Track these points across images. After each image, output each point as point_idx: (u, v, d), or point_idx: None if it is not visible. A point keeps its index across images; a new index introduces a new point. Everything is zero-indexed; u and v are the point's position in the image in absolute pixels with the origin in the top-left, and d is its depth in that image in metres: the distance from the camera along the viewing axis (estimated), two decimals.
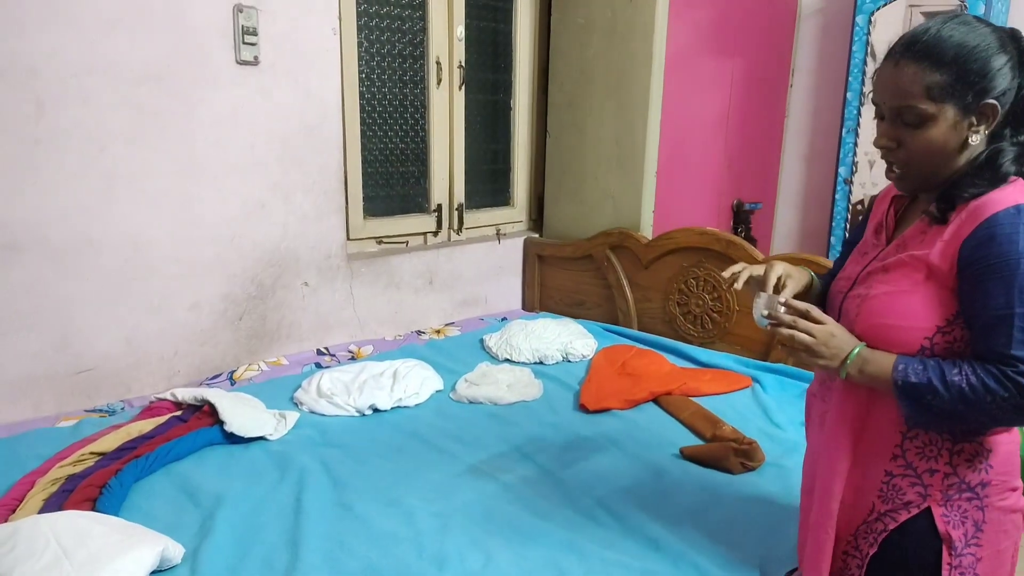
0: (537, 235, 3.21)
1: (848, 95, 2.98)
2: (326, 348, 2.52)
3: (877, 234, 1.19)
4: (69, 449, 1.72)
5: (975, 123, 1.04)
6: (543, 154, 3.17)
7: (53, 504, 1.47)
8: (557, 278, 3.06)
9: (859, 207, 2.98)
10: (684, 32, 2.77)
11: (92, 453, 1.70)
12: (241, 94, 2.21)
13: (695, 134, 2.99)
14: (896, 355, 1.06)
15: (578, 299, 2.98)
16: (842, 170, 3.05)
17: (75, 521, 1.30)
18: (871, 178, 2.96)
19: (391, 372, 2.25)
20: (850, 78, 2.97)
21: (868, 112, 2.94)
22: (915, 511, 1.09)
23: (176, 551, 1.34)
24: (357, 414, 2.06)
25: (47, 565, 1.20)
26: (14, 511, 1.45)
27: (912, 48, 1.04)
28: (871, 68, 2.89)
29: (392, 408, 2.10)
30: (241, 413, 1.88)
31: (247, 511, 1.54)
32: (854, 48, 2.95)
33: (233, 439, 1.85)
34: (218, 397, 1.93)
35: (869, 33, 2.89)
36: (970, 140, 1.04)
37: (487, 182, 3.13)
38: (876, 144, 1.11)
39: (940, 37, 1.03)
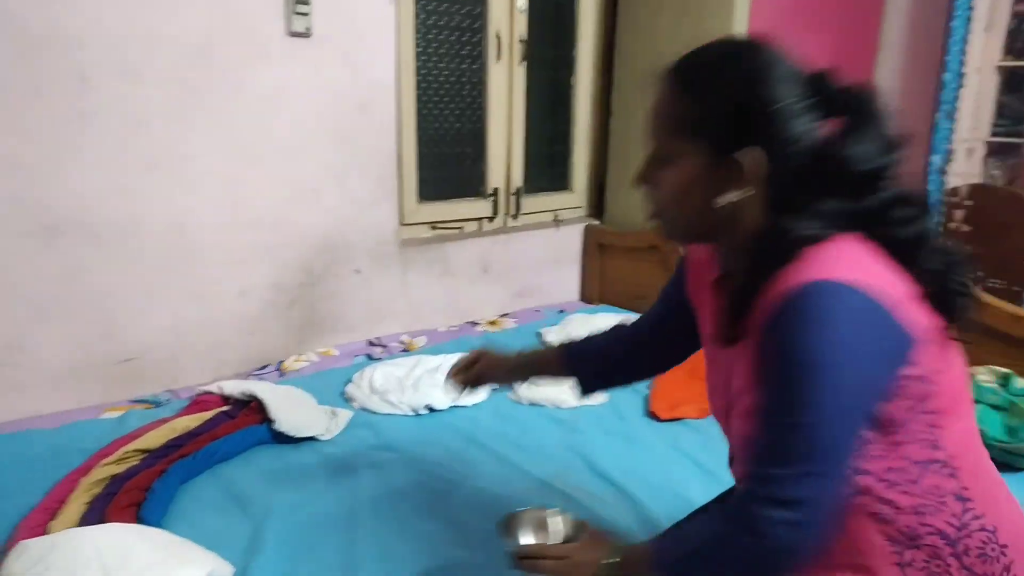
0: (598, 222, 3.03)
1: (945, 76, 2.73)
2: (377, 338, 2.39)
3: (714, 339, 0.93)
4: (113, 445, 1.62)
5: (725, 178, 0.82)
6: (605, 136, 2.98)
7: (96, 509, 1.37)
8: (619, 269, 2.88)
9: (953, 198, 2.73)
10: (765, 7, 2.55)
11: (137, 451, 1.61)
12: (292, 69, 2.07)
13: None
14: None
15: (640, 292, 2.80)
16: (935, 158, 2.80)
17: (118, 536, 1.19)
18: (968, 167, 2.71)
19: (447, 367, 2.11)
20: (948, 56, 2.71)
21: (968, 94, 2.69)
22: None
23: (224, 570, 1.22)
24: (412, 413, 1.94)
25: None
26: (55, 515, 1.36)
27: (676, 67, 0.87)
28: (976, 45, 2.63)
29: (449, 408, 1.97)
30: (291, 411, 1.77)
31: (298, 524, 1.42)
32: (954, 23, 2.68)
33: (282, 438, 1.73)
34: (267, 392, 1.82)
35: (972, 6, 2.63)
36: (717, 200, 0.83)
37: (545, 165, 2.96)
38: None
39: (705, 58, 0.86)
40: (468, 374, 1.32)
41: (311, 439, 1.76)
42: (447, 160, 2.62)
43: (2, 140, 1.66)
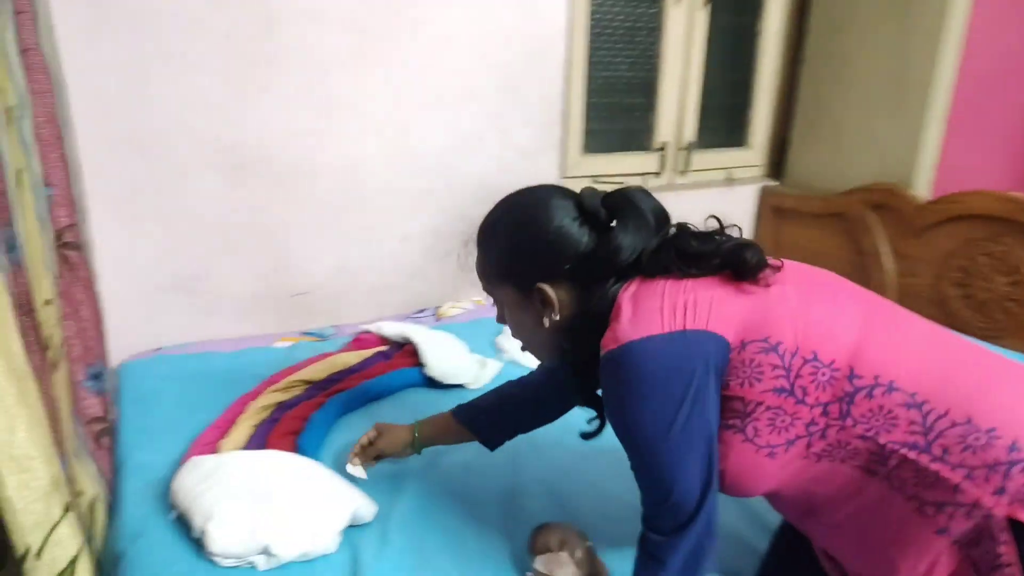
0: (776, 183, 2.79)
1: None
2: None
3: None
4: (281, 374, 1.73)
5: (541, 304, 0.99)
6: (792, 88, 2.71)
7: (260, 433, 1.48)
8: (797, 236, 2.64)
9: None
10: None
11: (301, 381, 1.71)
12: (465, 12, 2.04)
13: (1008, 76, 2.37)
14: None
15: (820, 263, 2.55)
16: None
17: (275, 465, 1.26)
18: None
19: None
20: None
21: None
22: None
23: (369, 509, 1.26)
24: None
25: (246, 507, 1.17)
26: (225, 434, 1.47)
27: (478, 229, 1.07)
28: None
29: None
30: (443, 358, 1.80)
31: (440, 469, 1.44)
32: None
33: (432, 383, 1.77)
34: (422, 338, 1.86)
35: None
36: (544, 323, 0.99)
37: (722, 118, 2.74)
38: None
39: (488, 220, 1.05)
40: (367, 453, 1.35)
41: (459, 386, 1.78)
42: (615, 110, 2.50)
43: (196, 81, 1.78)
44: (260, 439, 1.45)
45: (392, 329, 1.94)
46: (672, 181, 2.63)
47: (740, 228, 0.98)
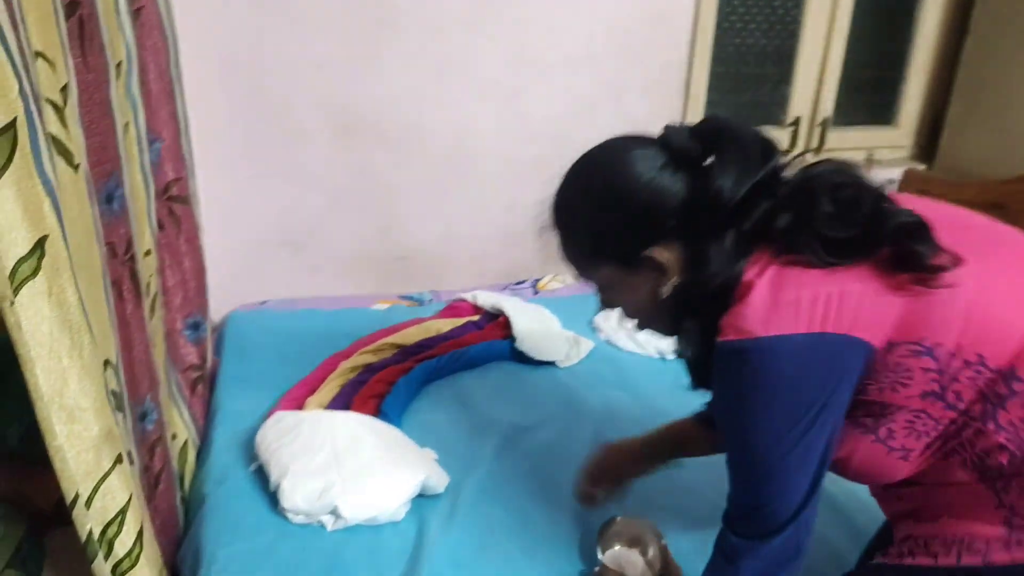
0: (924, 167, 2.50)
1: None
2: None
3: None
4: (375, 335, 1.75)
5: (651, 273, 0.86)
6: (953, 61, 2.40)
7: (346, 394, 1.50)
8: None
9: None
10: None
11: (392, 344, 1.72)
12: None
13: None
14: None
15: None
16: None
17: (354, 426, 1.27)
18: None
19: None
20: None
21: None
22: None
23: (440, 480, 1.25)
24: (658, 356, 1.80)
25: (319, 466, 1.19)
26: (313, 391, 1.50)
27: (552, 214, 0.96)
28: None
29: None
30: (534, 333, 1.75)
31: (518, 448, 1.40)
32: None
33: (522, 357, 1.73)
34: (515, 310, 1.82)
35: None
36: (660, 294, 0.86)
37: (866, 93, 2.48)
38: None
39: (565, 197, 0.94)
40: (602, 483, 1.18)
41: (550, 363, 1.73)
42: (744, 81, 2.32)
43: (313, 44, 1.80)
44: (345, 399, 1.47)
45: (487, 299, 1.91)
46: (803, 159, 2.41)
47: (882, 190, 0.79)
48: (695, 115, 2.23)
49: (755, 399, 0.77)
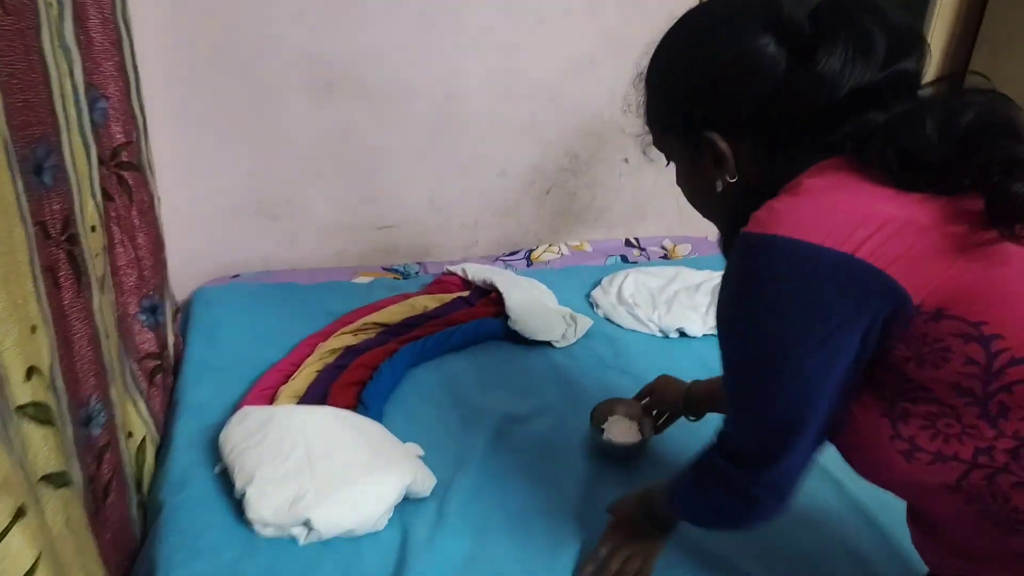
0: None
1: None
2: (636, 239, 2.13)
3: None
4: (356, 313, 1.62)
5: (712, 163, 0.75)
6: (975, 25, 2.24)
7: (323, 381, 1.37)
8: None
9: None
10: None
11: (375, 324, 1.58)
12: None
13: None
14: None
15: None
16: None
17: (329, 424, 1.14)
18: None
19: (709, 287, 1.81)
20: None
21: None
22: None
23: (427, 483, 1.13)
24: (660, 335, 1.68)
25: (289, 471, 1.06)
26: (287, 378, 1.37)
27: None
28: None
29: (703, 336, 1.67)
30: (529, 311, 1.62)
31: (511, 439, 1.28)
32: None
33: (515, 337, 1.60)
34: (508, 286, 1.68)
35: None
36: (716, 187, 0.76)
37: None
38: None
39: (654, 54, 0.81)
40: (646, 407, 1.26)
41: (545, 343, 1.60)
42: None
43: None
44: (322, 387, 1.35)
45: (477, 272, 1.78)
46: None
47: None
48: None
49: (752, 302, 0.66)
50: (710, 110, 0.74)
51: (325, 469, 1.06)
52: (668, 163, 0.84)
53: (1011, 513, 0.61)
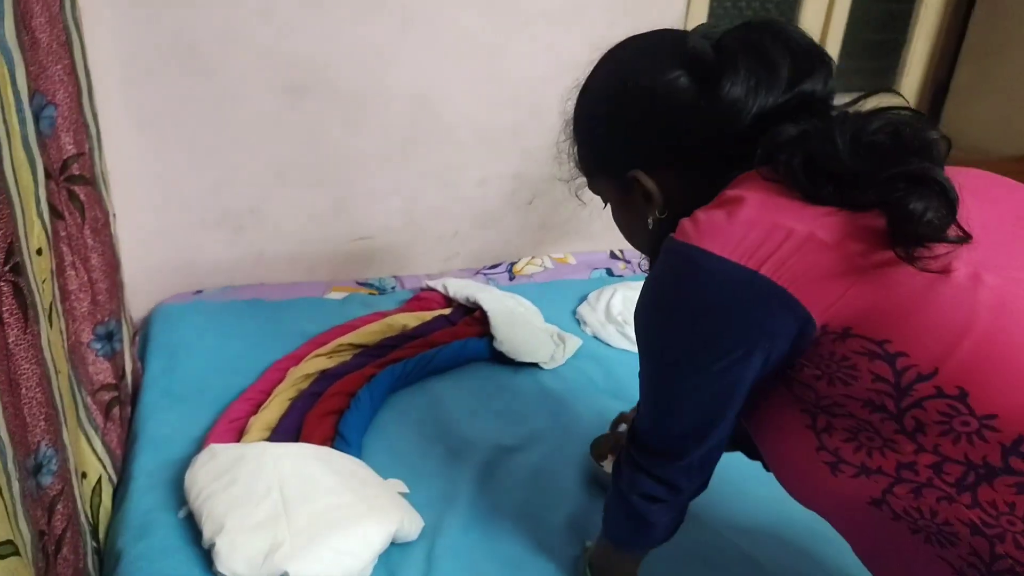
0: None
1: None
2: (621, 251, 2.06)
3: None
4: (330, 333, 1.52)
5: (641, 199, 0.77)
6: (962, 25, 2.22)
7: (297, 410, 1.26)
8: None
9: None
10: None
11: (350, 345, 1.48)
12: None
13: None
14: None
15: None
16: None
17: (306, 465, 1.04)
18: None
19: None
20: None
21: None
22: None
23: (413, 526, 1.04)
24: None
25: (263, 519, 0.96)
26: (258, 407, 1.27)
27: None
28: None
29: None
30: (516, 331, 1.53)
31: (500, 481, 1.19)
32: None
33: (501, 358, 1.52)
34: (492, 303, 1.59)
35: None
36: (648, 223, 0.78)
37: (866, 57, 2.29)
38: None
39: (577, 103, 0.83)
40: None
41: (533, 364, 1.52)
42: None
43: None
44: (296, 418, 1.24)
45: (459, 288, 1.69)
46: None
47: (949, 142, 0.66)
48: None
49: (664, 308, 0.69)
50: (631, 148, 0.76)
51: (303, 515, 0.97)
52: (605, 205, 0.86)
53: (941, 527, 0.60)
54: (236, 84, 1.56)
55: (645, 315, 0.71)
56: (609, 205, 0.85)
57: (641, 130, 0.74)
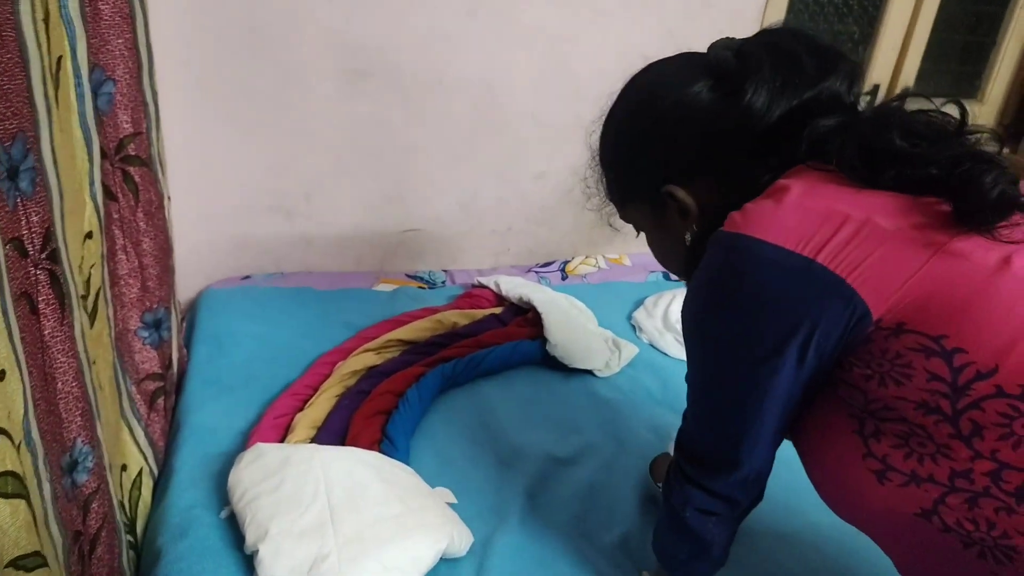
0: (1007, 150, 2.20)
1: None
2: None
3: None
4: (378, 328, 1.47)
5: (677, 216, 0.76)
6: None
7: (345, 408, 1.22)
8: None
9: None
10: None
11: (399, 341, 1.43)
12: None
13: None
14: None
15: None
16: None
17: (355, 471, 0.99)
18: None
19: None
20: None
21: None
22: None
23: (463, 542, 0.98)
24: None
25: (308, 526, 0.91)
26: (305, 403, 1.22)
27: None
28: None
29: None
30: (569, 336, 1.47)
31: (554, 497, 1.13)
32: None
33: (553, 362, 1.45)
34: (546, 306, 1.53)
35: None
36: (686, 239, 0.76)
37: (953, 60, 2.16)
38: None
39: (601, 134, 0.84)
40: None
41: (588, 372, 1.45)
42: (818, 39, 1.98)
43: None
44: (343, 417, 1.20)
45: (511, 287, 1.62)
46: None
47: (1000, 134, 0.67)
48: None
49: (712, 296, 0.66)
50: (662, 163, 0.75)
51: (350, 524, 0.92)
52: (638, 234, 0.86)
53: (998, 540, 0.56)
54: (297, 67, 1.51)
55: (695, 309, 0.69)
56: (643, 233, 0.85)
57: (671, 144, 0.74)
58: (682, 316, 0.71)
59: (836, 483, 0.67)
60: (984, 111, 2.21)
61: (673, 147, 0.74)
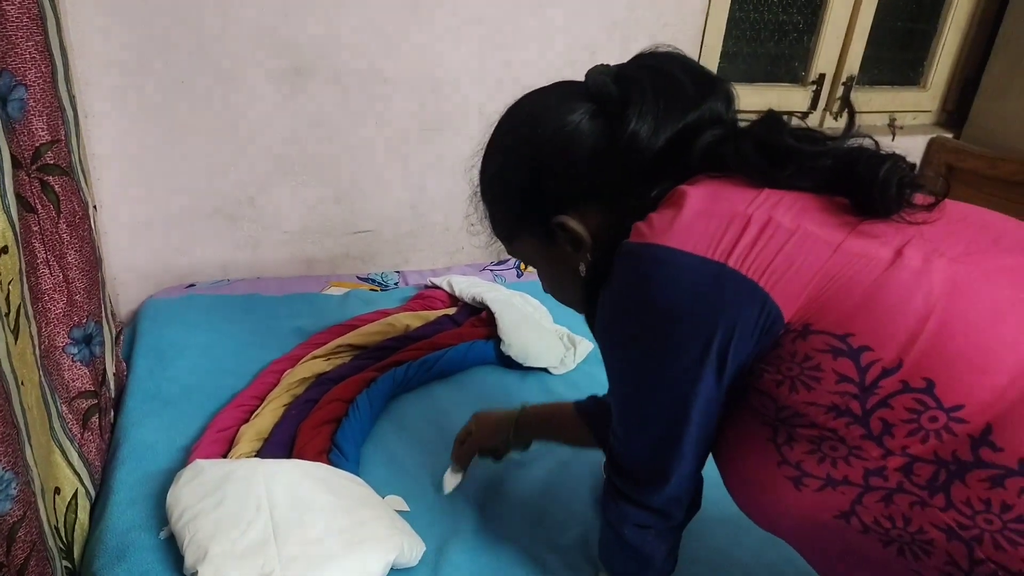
0: (950, 135, 2.24)
1: None
2: None
3: None
4: (327, 333, 1.43)
5: (571, 248, 0.74)
6: (996, 15, 2.12)
7: (292, 419, 1.18)
8: (974, 203, 2.12)
9: None
10: None
11: (349, 346, 1.40)
12: None
13: None
14: None
15: None
16: None
17: (298, 485, 0.96)
18: None
19: None
20: None
21: None
22: None
23: (414, 551, 0.96)
24: None
25: (250, 547, 0.88)
26: (250, 415, 1.18)
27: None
28: None
29: None
30: (523, 334, 1.45)
31: (511, 496, 1.11)
32: None
33: (508, 361, 1.43)
34: (500, 304, 1.51)
35: None
36: (580, 271, 0.74)
37: (895, 48, 2.19)
38: None
39: (482, 168, 0.82)
40: (464, 452, 1.08)
41: (542, 370, 1.44)
42: (764, 30, 2.00)
43: None
44: (290, 427, 1.16)
45: (464, 286, 1.60)
46: (822, 122, 2.13)
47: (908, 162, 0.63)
48: (708, 67, 1.92)
49: (627, 309, 0.65)
50: (548, 194, 0.73)
51: (295, 540, 0.89)
52: (525, 269, 0.85)
53: (915, 536, 0.56)
54: (233, 66, 1.47)
55: (610, 324, 0.67)
56: (534, 267, 0.83)
57: (556, 174, 0.72)
58: (596, 333, 0.70)
59: (754, 493, 0.66)
60: (926, 98, 2.25)
61: (559, 177, 0.72)
